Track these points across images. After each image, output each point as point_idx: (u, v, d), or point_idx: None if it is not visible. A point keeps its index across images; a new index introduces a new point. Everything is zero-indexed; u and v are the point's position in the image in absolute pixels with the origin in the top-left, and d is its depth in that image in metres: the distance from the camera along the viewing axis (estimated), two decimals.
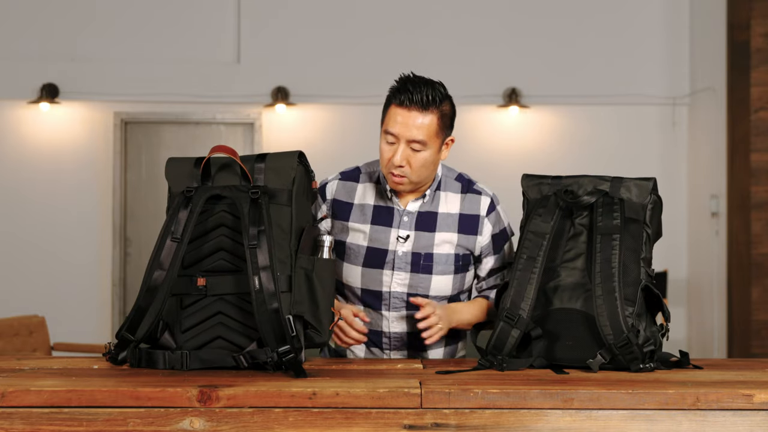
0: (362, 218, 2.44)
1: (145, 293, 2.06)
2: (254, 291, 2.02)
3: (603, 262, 2.14)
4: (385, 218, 2.43)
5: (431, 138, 2.32)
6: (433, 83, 2.34)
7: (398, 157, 2.31)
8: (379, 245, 2.41)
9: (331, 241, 2.22)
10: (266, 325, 2.02)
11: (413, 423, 1.81)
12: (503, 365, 2.12)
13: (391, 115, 2.32)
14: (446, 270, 2.42)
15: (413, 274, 2.41)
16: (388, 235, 2.42)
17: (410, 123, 2.29)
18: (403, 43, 7.10)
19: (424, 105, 2.29)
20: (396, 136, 2.31)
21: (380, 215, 2.43)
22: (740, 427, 1.82)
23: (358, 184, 2.48)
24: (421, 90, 2.29)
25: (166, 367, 2.07)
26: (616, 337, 2.07)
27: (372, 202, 2.45)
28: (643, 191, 2.24)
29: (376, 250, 2.41)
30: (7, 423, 1.80)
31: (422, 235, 2.42)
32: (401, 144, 2.31)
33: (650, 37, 7.19)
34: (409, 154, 2.32)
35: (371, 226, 2.42)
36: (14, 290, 6.98)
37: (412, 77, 2.34)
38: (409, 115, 2.29)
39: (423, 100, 2.29)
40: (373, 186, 2.47)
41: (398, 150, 2.31)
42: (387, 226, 2.42)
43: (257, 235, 2.06)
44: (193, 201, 2.10)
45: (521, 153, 7.11)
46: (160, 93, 7.09)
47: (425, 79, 2.34)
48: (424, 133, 2.30)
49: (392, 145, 2.32)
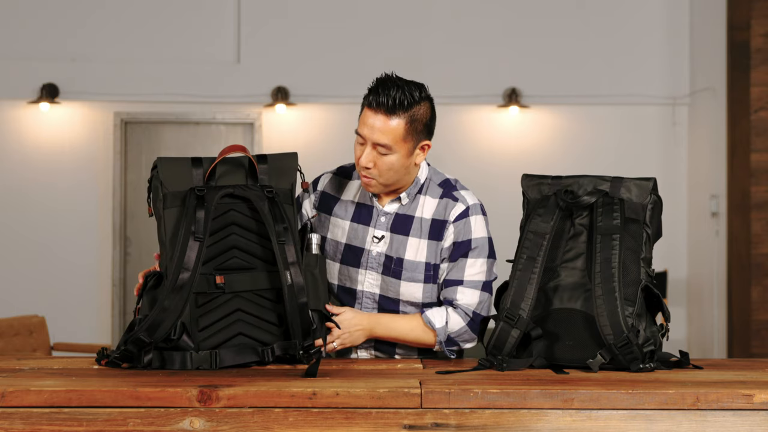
0: (344, 214, 2.44)
1: (170, 293, 2.05)
2: (286, 285, 2.10)
3: (603, 262, 2.14)
4: (365, 217, 2.42)
5: (397, 142, 2.28)
6: (406, 86, 2.28)
7: (364, 159, 2.30)
8: (356, 243, 2.41)
9: (318, 238, 2.31)
10: (296, 319, 2.10)
11: (413, 423, 1.81)
12: (503, 365, 2.12)
13: (362, 116, 2.31)
14: (415, 278, 2.38)
15: (384, 277, 2.40)
16: (366, 233, 2.41)
17: (376, 126, 2.27)
18: (403, 43, 7.10)
19: (389, 109, 2.25)
20: (363, 138, 2.30)
21: (360, 213, 2.43)
22: (740, 427, 1.82)
23: (351, 181, 2.48)
24: (389, 93, 2.25)
25: (193, 368, 2.07)
26: (616, 337, 2.07)
27: (356, 200, 2.45)
28: (643, 191, 2.24)
29: (353, 248, 2.41)
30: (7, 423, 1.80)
31: (396, 238, 2.40)
32: (368, 146, 2.29)
33: (650, 37, 7.19)
34: (376, 156, 2.29)
35: (350, 223, 2.43)
36: (14, 290, 6.98)
37: (387, 78, 2.29)
38: (375, 117, 2.27)
39: (389, 103, 2.25)
40: (359, 183, 2.46)
41: (365, 151, 2.30)
42: (365, 225, 2.42)
43: (284, 231, 2.13)
44: (207, 200, 2.12)
45: (521, 153, 7.11)
46: (160, 93, 7.09)
47: (400, 81, 2.28)
48: (390, 138, 2.27)
49: (362, 146, 2.31)
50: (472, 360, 2.31)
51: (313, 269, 2.26)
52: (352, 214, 2.44)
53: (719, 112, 6.53)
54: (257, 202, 2.15)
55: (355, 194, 2.46)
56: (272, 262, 2.16)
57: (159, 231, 2.19)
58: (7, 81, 7.03)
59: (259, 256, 2.18)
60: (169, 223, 2.16)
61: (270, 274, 2.17)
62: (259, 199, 2.16)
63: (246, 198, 2.17)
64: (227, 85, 7.11)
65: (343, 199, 2.46)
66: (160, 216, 2.18)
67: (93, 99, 7.06)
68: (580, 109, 7.20)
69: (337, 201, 2.46)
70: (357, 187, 2.46)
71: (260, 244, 2.18)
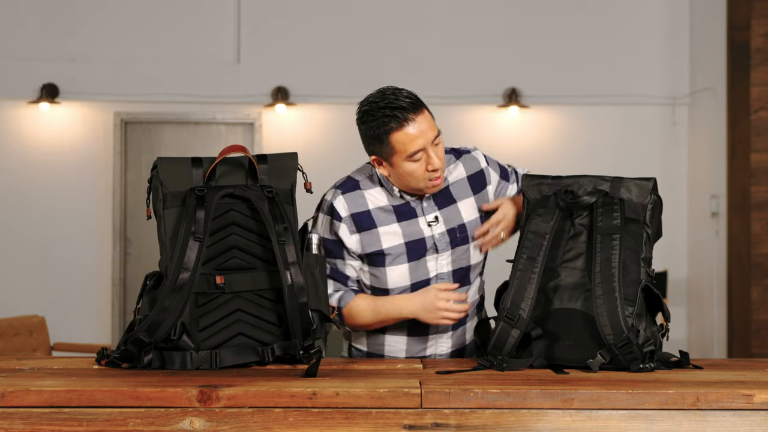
0: (387, 219, 2.42)
1: (170, 293, 2.06)
2: (286, 285, 2.11)
3: (603, 262, 2.14)
4: (407, 212, 2.43)
5: (435, 126, 2.36)
6: (396, 90, 2.34)
7: (437, 160, 2.32)
8: (415, 237, 2.41)
9: (318, 238, 2.29)
10: (296, 319, 2.11)
11: (413, 423, 1.81)
12: (503, 365, 2.12)
13: (401, 140, 2.29)
14: None
15: (454, 249, 2.43)
16: (418, 224, 2.42)
17: (422, 126, 2.30)
18: (403, 43, 7.10)
19: (414, 107, 2.30)
20: (422, 148, 2.31)
21: (402, 212, 2.43)
22: (740, 427, 1.82)
23: (364, 191, 2.43)
24: (399, 99, 2.29)
25: (193, 368, 2.08)
26: (616, 337, 2.07)
27: (389, 203, 2.43)
28: (643, 191, 2.24)
29: (415, 242, 2.41)
30: (7, 423, 1.80)
31: (447, 211, 2.44)
32: (429, 150, 2.32)
33: (650, 37, 7.19)
34: (436, 150, 2.34)
35: (399, 224, 2.42)
36: (14, 290, 6.98)
37: (381, 96, 2.31)
38: (415, 122, 2.29)
39: (409, 103, 2.30)
40: (380, 189, 2.44)
41: (430, 157, 2.32)
42: (413, 218, 2.42)
43: (284, 231, 2.14)
44: (207, 200, 2.12)
45: (521, 153, 7.10)
46: (160, 93, 7.08)
47: (387, 92, 2.33)
48: (434, 125, 2.35)
49: (420, 160, 2.32)
50: (472, 360, 2.31)
51: (313, 269, 2.24)
52: (395, 217, 2.42)
53: (719, 112, 6.53)
54: (257, 202, 2.15)
55: (381, 199, 2.43)
56: (272, 262, 2.16)
57: (159, 231, 2.20)
58: (7, 81, 7.02)
59: (259, 256, 2.18)
60: (169, 223, 2.16)
61: (270, 274, 2.18)
62: (259, 199, 2.16)
63: (246, 198, 2.17)
64: (227, 85, 7.11)
65: (372, 209, 2.42)
66: (160, 216, 2.18)
67: (93, 99, 7.06)
68: (580, 109, 7.20)
69: (369, 212, 2.42)
70: (376, 193, 2.43)
71: (260, 244, 2.18)
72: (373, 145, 2.34)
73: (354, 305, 2.39)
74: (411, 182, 2.36)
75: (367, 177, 2.45)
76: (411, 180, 2.35)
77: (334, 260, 2.41)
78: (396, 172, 2.35)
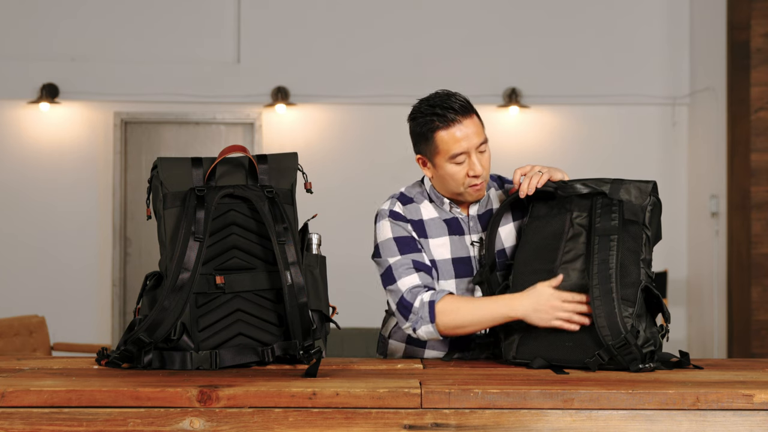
0: (440, 231, 2.43)
1: (170, 293, 2.06)
2: (286, 285, 2.11)
3: (600, 263, 2.13)
4: (457, 228, 2.43)
5: (484, 133, 2.37)
6: (450, 92, 2.36)
7: (479, 167, 2.33)
8: (461, 254, 2.42)
9: (318, 238, 2.29)
10: (296, 319, 2.11)
11: (413, 423, 1.81)
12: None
13: (445, 140, 2.31)
14: None
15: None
16: (463, 242, 2.42)
17: (469, 131, 2.32)
18: (404, 43, 7.10)
19: (465, 111, 2.32)
20: (465, 151, 2.32)
21: (452, 226, 2.43)
22: (740, 427, 1.82)
23: (418, 204, 2.46)
24: (452, 102, 2.32)
25: (193, 368, 2.08)
26: (614, 338, 2.07)
27: (440, 216, 2.44)
28: (643, 193, 2.24)
29: (461, 259, 2.41)
30: (7, 423, 1.80)
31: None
32: (472, 155, 2.32)
33: (650, 37, 7.18)
34: (479, 157, 2.34)
35: (449, 237, 2.42)
36: (14, 290, 6.98)
37: (434, 98, 2.35)
38: (463, 125, 2.31)
39: (461, 107, 2.32)
40: (430, 204, 2.46)
41: (473, 162, 2.32)
42: (461, 235, 2.43)
43: (284, 231, 2.14)
44: (207, 200, 2.12)
45: (521, 153, 7.10)
46: (160, 93, 7.08)
47: (441, 93, 2.36)
48: (482, 131, 2.36)
49: (463, 163, 2.33)
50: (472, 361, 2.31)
51: (313, 269, 2.25)
52: (447, 230, 2.43)
53: (719, 112, 6.53)
54: (257, 202, 2.15)
55: (433, 212, 2.44)
56: (272, 262, 2.17)
57: (159, 231, 2.20)
58: (7, 81, 7.02)
59: (259, 256, 2.18)
60: (169, 223, 2.16)
61: (270, 274, 2.18)
62: (259, 199, 2.16)
63: (246, 198, 2.17)
64: (227, 85, 7.11)
65: (426, 219, 2.44)
66: (160, 216, 2.18)
67: (93, 99, 7.06)
68: (580, 109, 7.20)
69: (423, 222, 2.43)
70: (428, 207, 2.45)
71: (260, 244, 2.18)
72: (419, 143, 2.37)
73: (449, 299, 2.28)
74: (451, 185, 2.36)
75: (419, 192, 2.48)
76: (452, 183, 2.36)
77: (412, 254, 2.36)
78: (438, 174, 2.37)
